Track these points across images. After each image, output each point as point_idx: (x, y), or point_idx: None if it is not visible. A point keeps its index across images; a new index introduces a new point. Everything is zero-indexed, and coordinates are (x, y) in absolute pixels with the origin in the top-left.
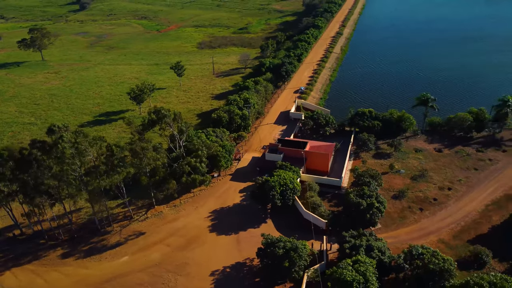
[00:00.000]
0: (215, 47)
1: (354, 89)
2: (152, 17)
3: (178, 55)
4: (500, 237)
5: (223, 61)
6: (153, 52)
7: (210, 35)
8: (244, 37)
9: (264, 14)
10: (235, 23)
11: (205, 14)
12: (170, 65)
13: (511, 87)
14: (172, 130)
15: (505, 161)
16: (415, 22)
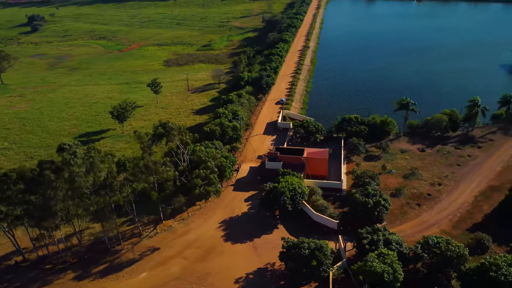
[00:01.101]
0: (182, 64)
1: (330, 98)
2: (111, 37)
3: (147, 73)
4: (493, 224)
5: (195, 77)
6: (120, 72)
7: (174, 53)
8: (209, 53)
9: (225, 31)
10: (198, 41)
11: (165, 32)
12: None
13: (467, 90)
14: (178, 143)
15: (482, 157)
16: (373, 33)
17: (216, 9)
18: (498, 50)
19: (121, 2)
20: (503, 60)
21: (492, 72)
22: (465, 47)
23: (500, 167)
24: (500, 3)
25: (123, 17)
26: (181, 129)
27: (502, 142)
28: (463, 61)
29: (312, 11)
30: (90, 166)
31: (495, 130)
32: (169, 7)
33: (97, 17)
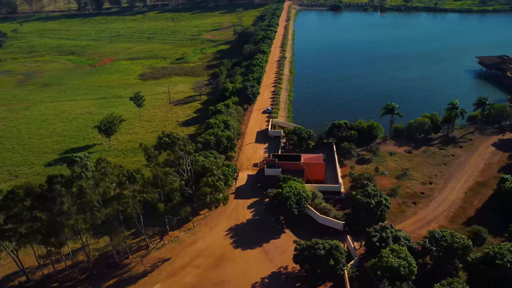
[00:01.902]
0: (158, 78)
1: (313, 106)
2: (80, 52)
3: (123, 87)
4: (485, 217)
5: (174, 90)
6: (95, 87)
7: (149, 66)
8: (184, 66)
9: (197, 44)
10: (171, 54)
11: (136, 46)
12: (124, 97)
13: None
14: (181, 153)
15: (465, 156)
16: (343, 44)
17: (186, 23)
18: (462, 56)
19: (88, 17)
20: (468, 66)
21: (460, 77)
22: (430, 54)
23: (482, 164)
24: (456, 13)
25: (90, 32)
26: (185, 139)
27: (481, 141)
28: (431, 67)
29: (283, 23)
30: (102, 178)
31: (473, 130)
32: (137, 21)
33: (63, 32)
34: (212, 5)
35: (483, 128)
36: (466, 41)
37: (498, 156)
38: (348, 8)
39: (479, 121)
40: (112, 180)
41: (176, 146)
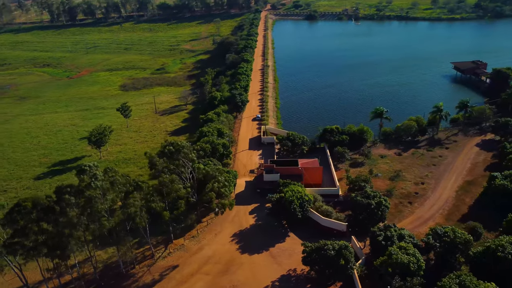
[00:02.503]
0: (140, 88)
1: (300, 113)
2: (56, 64)
3: (105, 99)
4: (478, 213)
5: (158, 100)
6: (75, 98)
7: (129, 77)
8: (165, 76)
9: (177, 54)
10: (150, 65)
11: (114, 58)
12: (108, 108)
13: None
14: (186, 161)
15: (451, 156)
16: (322, 52)
17: (164, 33)
18: (436, 62)
19: (61, 28)
20: (444, 71)
21: (437, 82)
22: (406, 61)
23: (469, 164)
24: (427, 21)
25: (65, 43)
26: (189, 147)
27: (465, 142)
28: (409, 73)
29: (261, 32)
30: (111, 187)
31: (456, 132)
32: (114, 32)
33: (37, 44)
34: (189, 15)
35: (466, 130)
36: (438, 48)
37: (482, 155)
38: (324, 17)
39: (461, 123)
40: (121, 190)
41: (181, 154)
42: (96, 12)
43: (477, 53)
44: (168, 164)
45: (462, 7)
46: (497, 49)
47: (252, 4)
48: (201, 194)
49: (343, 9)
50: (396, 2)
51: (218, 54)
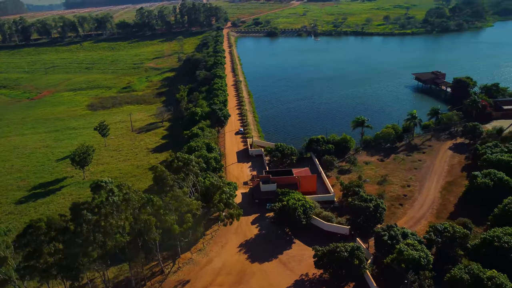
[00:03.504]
0: (109, 107)
1: (279, 125)
2: (13, 85)
3: (74, 119)
4: (464, 210)
5: (133, 118)
6: (41, 120)
7: (94, 97)
8: (133, 95)
9: (141, 72)
10: (115, 83)
11: (76, 77)
12: (79, 129)
13: (388, 108)
14: (192, 174)
15: (429, 160)
16: (288, 67)
17: (125, 52)
18: (398, 74)
19: (15, 48)
20: (406, 82)
21: (401, 92)
22: (369, 74)
23: (446, 166)
24: (381, 36)
25: (21, 64)
26: (196, 160)
27: (439, 146)
28: (374, 85)
29: (226, 49)
30: (126, 203)
31: (430, 137)
32: (72, 51)
33: None
34: (149, 34)
35: (438, 135)
36: (395, 61)
37: (456, 158)
38: (284, 33)
39: (432, 129)
40: (135, 206)
41: (189, 167)
42: (52, 31)
43: (431, 65)
44: (176, 178)
45: (412, 23)
46: (447, 60)
47: (213, 22)
48: (207, 206)
49: (302, 25)
50: (351, 19)
51: (185, 71)
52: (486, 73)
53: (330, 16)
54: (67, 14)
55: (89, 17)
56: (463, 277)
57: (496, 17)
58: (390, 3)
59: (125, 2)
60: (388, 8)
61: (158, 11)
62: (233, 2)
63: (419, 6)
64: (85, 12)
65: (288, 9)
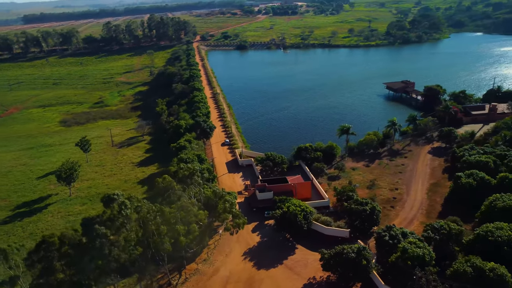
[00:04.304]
0: (83, 123)
1: (262, 136)
2: None
3: (48, 135)
4: (451, 209)
5: (109, 133)
6: (13, 137)
7: (66, 112)
8: (107, 110)
9: (113, 87)
10: (86, 98)
11: (44, 93)
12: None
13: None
14: (196, 184)
15: (411, 164)
16: (261, 79)
17: (94, 67)
18: (368, 84)
19: None
20: (377, 91)
21: (374, 101)
22: (341, 84)
23: (428, 169)
24: (347, 48)
25: None
26: (199, 170)
27: (419, 151)
28: (347, 94)
29: (199, 62)
30: (139, 215)
31: (409, 142)
32: (37, 67)
33: None
34: (117, 48)
35: (416, 140)
36: (364, 71)
37: (436, 161)
38: (254, 47)
39: (410, 134)
40: (148, 218)
41: (194, 178)
42: (13, 47)
43: (396, 74)
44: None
45: (375, 35)
46: (411, 70)
47: (182, 36)
48: (210, 216)
49: (270, 39)
50: (317, 32)
51: (158, 85)
52: (449, 81)
53: (297, 29)
54: (29, 29)
55: (54, 32)
56: (467, 270)
57: (451, 29)
58: (353, 17)
59: (87, 17)
60: (351, 21)
61: (125, 25)
62: (199, 16)
63: (379, 20)
64: (46, 27)
65: (255, 22)
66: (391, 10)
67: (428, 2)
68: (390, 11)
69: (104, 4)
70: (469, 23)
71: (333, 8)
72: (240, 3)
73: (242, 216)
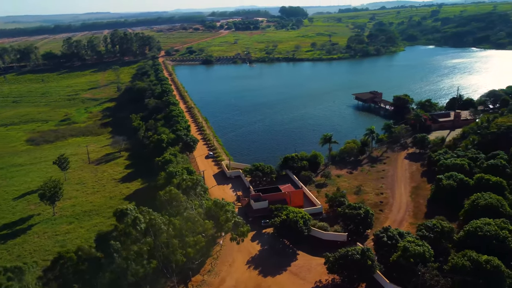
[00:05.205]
0: (53, 141)
1: (243, 147)
2: None
3: (16, 155)
4: (435, 210)
5: (83, 150)
6: None
7: (32, 131)
8: (76, 127)
9: (78, 103)
10: (51, 116)
11: (4, 112)
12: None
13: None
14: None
15: (391, 169)
16: (231, 93)
17: (56, 83)
18: (337, 95)
19: None
20: (347, 102)
21: (345, 111)
22: (310, 96)
23: (408, 173)
24: (310, 61)
25: None
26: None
27: (396, 157)
28: (317, 106)
29: (168, 77)
30: (152, 228)
31: (385, 149)
32: None
33: None
34: (79, 64)
35: (392, 147)
36: (329, 83)
37: (414, 166)
38: (219, 61)
39: (386, 142)
40: (162, 231)
41: (197, 189)
42: None
43: (360, 86)
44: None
45: (337, 49)
46: (375, 81)
47: (147, 51)
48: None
49: (235, 53)
50: (281, 46)
51: (127, 101)
52: (410, 92)
53: (261, 44)
54: None
55: (10, 48)
56: (465, 264)
57: (406, 43)
58: (313, 32)
59: (41, 33)
60: (312, 35)
61: (87, 41)
62: (160, 31)
63: (338, 34)
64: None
65: (219, 37)
66: (348, 25)
67: (381, 17)
68: (347, 26)
69: (58, 19)
70: (421, 37)
71: (293, 23)
72: (200, 18)
73: (245, 224)
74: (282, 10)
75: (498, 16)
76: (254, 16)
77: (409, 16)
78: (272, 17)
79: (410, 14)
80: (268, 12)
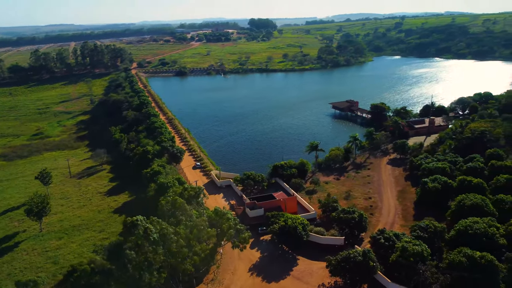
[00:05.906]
0: (27, 156)
1: (228, 157)
2: None
3: None
4: (422, 211)
5: (62, 165)
6: None
7: (3, 146)
8: (50, 141)
9: (50, 117)
10: (22, 130)
11: None
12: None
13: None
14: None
15: (376, 174)
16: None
17: (25, 97)
18: (313, 105)
19: None
20: (324, 111)
21: (323, 120)
22: (287, 106)
23: (392, 178)
24: (283, 72)
25: None
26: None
27: (378, 163)
28: (295, 115)
29: (144, 89)
30: (163, 238)
31: (368, 155)
32: None
33: None
34: (48, 77)
35: (373, 153)
36: (304, 93)
37: (397, 170)
38: (193, 73)
39: (368, 148)
40: (173, 240)
41: (199, 198)
42: None
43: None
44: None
45: (308, 59)
46: (348, 90)
47: (119, 63)
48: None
49: (209, 64)
50: (254, 57)
51: (101, 113)
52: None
53: (233, 55)
54: None
55: None
56: (461, 260)
57: (373, 53)
58: (283, 43)
59: (3, 45)
60: (283, 47)
61: (56, 53)
62: (130, 43)
63: (308, 45)
64: None
65: (190, 49)
66: (316, 37)
67: (348, 29)
68: (316, 37)
69: (19, 31)
70: (386, 48)
71: (263, 35)
72: (170, 30)
73: (246, 231)
74: (252, 22)
75: (458, 28)
76: (224, 28)
77: (374, 28)
78: (241, 29)
79: (375, 26)
80: (237, 24)
